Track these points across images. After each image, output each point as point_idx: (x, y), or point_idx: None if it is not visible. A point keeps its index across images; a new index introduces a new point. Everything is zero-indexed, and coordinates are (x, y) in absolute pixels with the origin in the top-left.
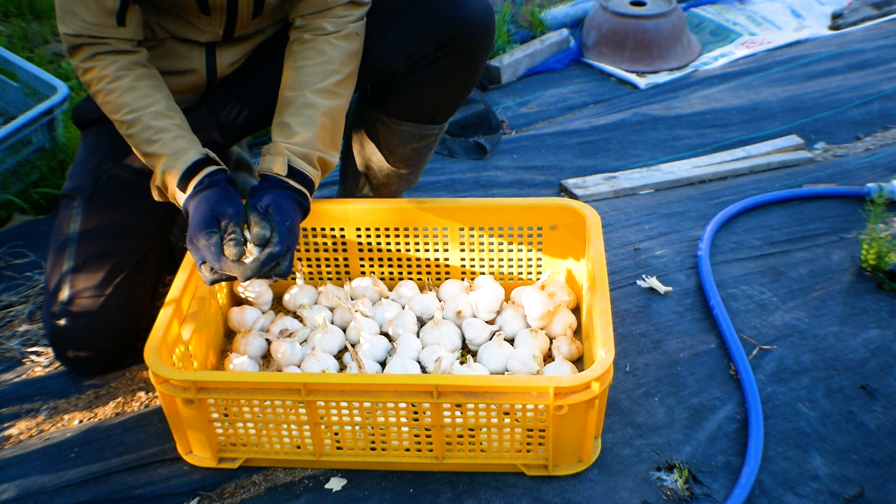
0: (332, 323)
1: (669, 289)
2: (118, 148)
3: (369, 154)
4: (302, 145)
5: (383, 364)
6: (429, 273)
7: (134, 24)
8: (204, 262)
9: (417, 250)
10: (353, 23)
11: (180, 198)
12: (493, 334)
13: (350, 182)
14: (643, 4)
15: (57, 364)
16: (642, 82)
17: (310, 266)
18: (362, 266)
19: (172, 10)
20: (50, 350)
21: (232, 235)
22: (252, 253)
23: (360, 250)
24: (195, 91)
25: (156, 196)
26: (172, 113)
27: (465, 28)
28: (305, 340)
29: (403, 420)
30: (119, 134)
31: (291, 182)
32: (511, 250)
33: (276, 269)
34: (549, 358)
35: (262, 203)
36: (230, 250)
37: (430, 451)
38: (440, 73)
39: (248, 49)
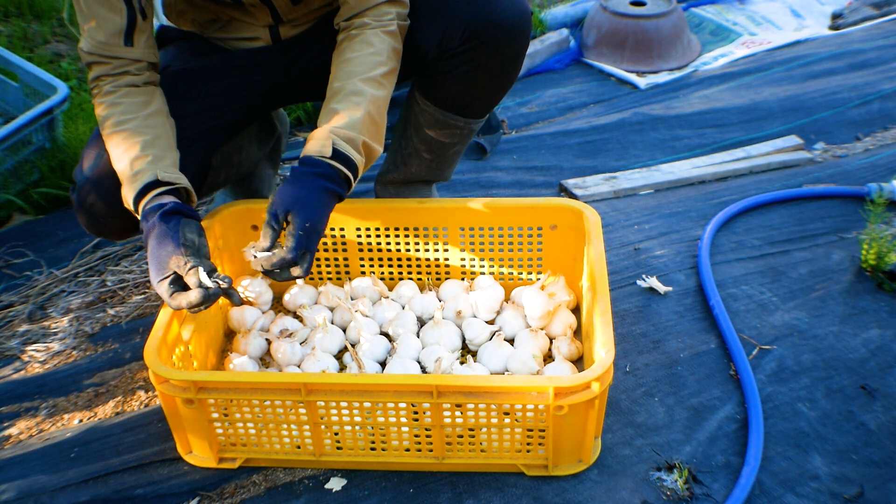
0: (332, 323)
1: (669, 289)
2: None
3: (402, 127)
4: (348, 128)
5: (383, 364)
6: (429, 273)
7: (142, 45)
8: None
9: (417, 250)
10: (395, 20)
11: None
12: (493, 334)
13: (389, 152)
14: (643, 4)
15: (56, 362)
16: (642, 82)
17: None
18: (362, 266)
19: (216, 3)
20: (51, 346)
21: (188, 271)
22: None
23: (360, 250)
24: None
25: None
26: (147, 130)
27: (491, 26)
28: (305, 340)
29: (403, 420)
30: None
31: (334, 163)
32: (511, 250)
33: (290, 273)
34: (549, 358)
35: (283, 204)
36: (194, 292)
37: (430, 451)
38: (467, 65)
39: (309, 19)
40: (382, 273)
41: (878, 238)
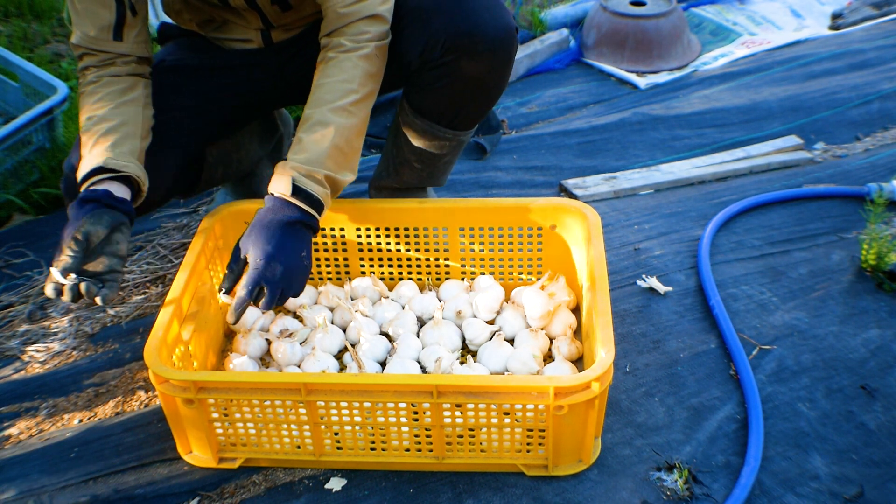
0: (332, 323)
1: (669, 289)
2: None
3: (394, 135)
4: (309, 163)
5: (383, 364)
6: (429, 273)
7: (132, 40)
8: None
9: (417, 250)
10: (372, 41)
11: None
12: (493, 334)
13: (382, 157)
14: (643, 4)
15: (56, 362)
16: (642, 82)
17: None
18: (362, 266)
19: (209, 4)
20: (51, 346)
21: (51, 267)
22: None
23: (360, 250)
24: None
25: None
26: (114, 116)
27: (471, 39)
28: (305, 340)
29: (403, 420)
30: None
31: (294, 201)
32: (511, 250)
33: (259, 301)
34: (549, 358)
35: (244, 246)
36: (48, 286)
37: (430, 451)
38: (448, 77)
39: (301, 24)
40: (382, 273)
41: (878, 238)
